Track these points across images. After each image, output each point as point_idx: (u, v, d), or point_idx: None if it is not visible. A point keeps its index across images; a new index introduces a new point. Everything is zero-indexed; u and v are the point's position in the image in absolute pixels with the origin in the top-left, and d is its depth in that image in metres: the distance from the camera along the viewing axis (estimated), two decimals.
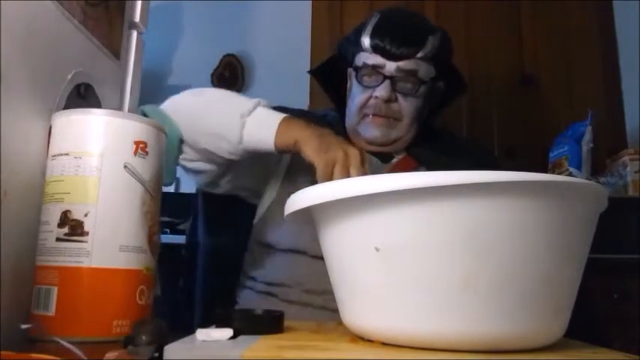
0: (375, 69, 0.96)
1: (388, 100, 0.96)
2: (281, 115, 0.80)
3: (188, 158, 0.87)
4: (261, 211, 1.01)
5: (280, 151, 0.80)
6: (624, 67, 2.02)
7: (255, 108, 0.81)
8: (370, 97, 0.97)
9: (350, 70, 1.03)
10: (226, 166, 0.88)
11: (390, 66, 0.95)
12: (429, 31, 0.98)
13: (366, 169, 0.74)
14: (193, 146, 0.85)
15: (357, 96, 0.99)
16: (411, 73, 0.96)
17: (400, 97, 0.97)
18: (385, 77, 0.95)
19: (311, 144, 0.76)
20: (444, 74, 1.02)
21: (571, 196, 0.48)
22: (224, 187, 0.95)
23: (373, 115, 0.97)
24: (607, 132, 1.89)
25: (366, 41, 0.96)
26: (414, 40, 0.95)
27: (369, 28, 0.97)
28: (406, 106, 0.97)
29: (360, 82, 0.98)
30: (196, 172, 0.91)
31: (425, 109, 1.01)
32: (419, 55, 0.95)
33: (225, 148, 0.82)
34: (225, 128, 0.81)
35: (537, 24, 2.06)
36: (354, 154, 0.74)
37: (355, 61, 1.00)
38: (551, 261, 0.48)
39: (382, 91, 0.95)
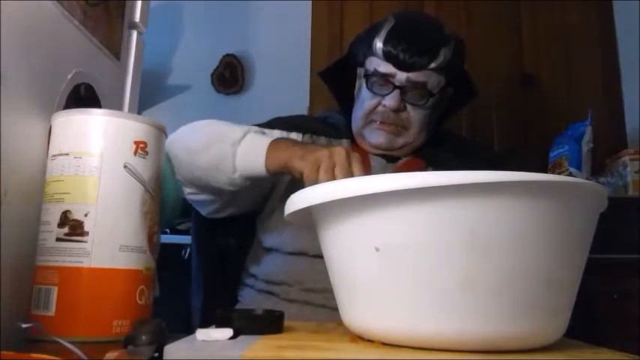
0: (386, 77, 0.95)
1: (397, 110, 0.95)
2: (269, 140, 0.82)
3: (192, 192, 0.91)
4: (265, 214, 1.01)
5: (273, 174, 0.81)
6: (624, 67, 2.02)
7: (244, 136, 0.83)
8: (379, 104, 0.97)
9: (360, 70, 1.02)
10: (230, 194, 0.89)
11: (401, 76, 0.94)
12: (443, 42, 0.96)
13: (354, 169, 0.73)
14: (194, 183, 0.88)
15: (365, 101, 0.99)
16: (421, 85, 0.95)
17: (409, 107, 0.96)
18: (395, 87, 0.95)
19: (296, 156, 0.77)
20: (455, 81, 1.01)
21: (571, 196, 0.48)
22: (229, 212, 0.97)
23: (381, 122, 0.97)
24: (607, 132, 1.90)
25: (378, 46, 0.95)
26: (427, 52, 0.94)
27: (382, 33, 0.96)
28: (414, 115, 0.97)
29: (369, 88, 0.98)
30: (202, 203, 0.94)
31: (433, 116, 1.01)
32: (431, 66, 0.94)
33: (222, 180, 0.84)
34: (219, 160, 0.83)
35: (537, 24, 2.06)
36: (338, 152, 0.73)
37: (366, 64, 0.99)
38: (551, 261, 0.48)
39: (391, 100, 0.95)
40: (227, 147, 0.82)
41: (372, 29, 0.99)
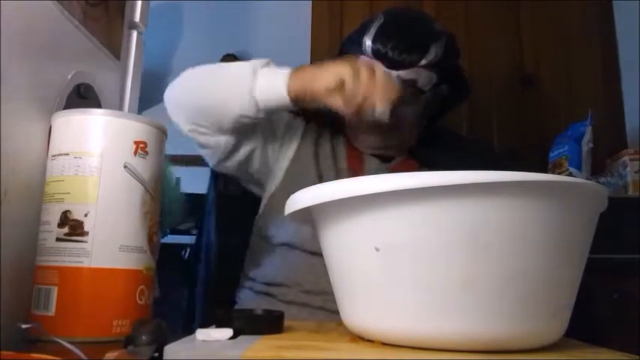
0: None
1: None
2: (287, 70, 0.83)
3: (200, 131, 0.89)
4: (262, 203, 1.01)
5: (295, 104, 0.81)
6: (624, 67, 2.02)
7: (268, 64, 0.84)
8: None
9: None
10: (236, 138, 0.90)
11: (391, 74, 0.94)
12: (433, 38, 0.96)
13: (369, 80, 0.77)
14: (205, 114, 0.87)
15: None
16: (411, 83, 0.95)
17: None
18: None
19: (321, 87, 0.78)
20: (448, 78, 1.00)
21: (571, 196, 0.48)
22: (231, 165, 0.96)
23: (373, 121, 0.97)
24: (607, 132, 1.89)
25: (368, 45, 0.95)
26: (416, 49, 0.94)
27: (371, 31, 0.96)
28: (406, 113, 0.96)
29: None
30: (206, 146, 0.93)
31: (425, 114, 1.01)
32: (421, 63, 0.94)
33: (235, 107, 0.83)
34: (238, 83, 0.82)
35: (537, 24, 2.06)
36: (354, 79, 0.77)
37: None
38: (551, 261, 0.48)
39: None
40: (248, 71, 0.82)
41: (361, 28, 0.99)
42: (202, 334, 0.50)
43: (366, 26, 0.98)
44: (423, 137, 1.03)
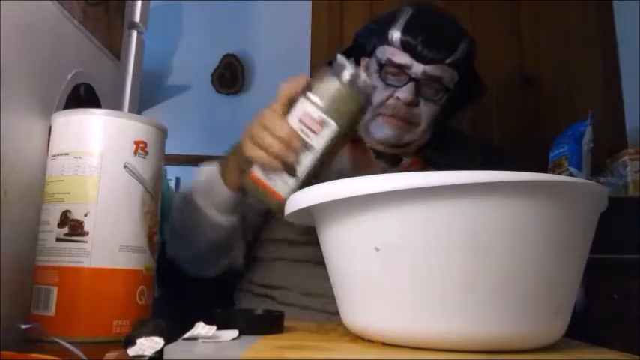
0: (401, 68, 0.92)
1: (410, 103, 0.92)
2: (216, 167, 0.84)
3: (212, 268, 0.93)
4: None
5: (241, 190, 0.82)
6: (624, 67, 2.02)
7: (197, 182, 0.86)
8: (390, 97, 0.93)
9: (366, 61, 0.99)
10: (237, 244, 0.92)
11: (417, 68, 0.91)
12: (460, 37, 0.94)
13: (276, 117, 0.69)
14: (203, 255, 0.91)
15: (375, 92, 0.93)
16: (436, 79, 0.92)
17: (422, 102, 0.93)
18: (411, 79, 0.91)
19: (237, 154, 0.78)
20: (466, 78, 0.98)
21: (571, 196, 0.48)
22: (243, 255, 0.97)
23: (390, 115, 0.93)
24: (607, 132, 1.89)
25: (396, 36, 0.91)
26: (447, 45, 0.92)
27: (400, 23, 0.92)
28: (426, 110, 0.93)
29: (382, 78, 0.94)
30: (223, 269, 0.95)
31: (442, 114, 0.98)
32: (448, 60, 0.92)
33: (214, 230, 0.86)
34: (199, 217, 0.84)
35: (537, 24, 2.06)
36: (263, 117, 0.70)
37: (377, 54, 0.95)
38: (551, 261, 0.48)
39: (406, 93, 0.91)
40: (197, 203, 0.84)
41: (385, 19, 0.96)
42: (204, 329, 0.50)
43: (392, 17, 0.94)
44: (432, 137, 1.00)
